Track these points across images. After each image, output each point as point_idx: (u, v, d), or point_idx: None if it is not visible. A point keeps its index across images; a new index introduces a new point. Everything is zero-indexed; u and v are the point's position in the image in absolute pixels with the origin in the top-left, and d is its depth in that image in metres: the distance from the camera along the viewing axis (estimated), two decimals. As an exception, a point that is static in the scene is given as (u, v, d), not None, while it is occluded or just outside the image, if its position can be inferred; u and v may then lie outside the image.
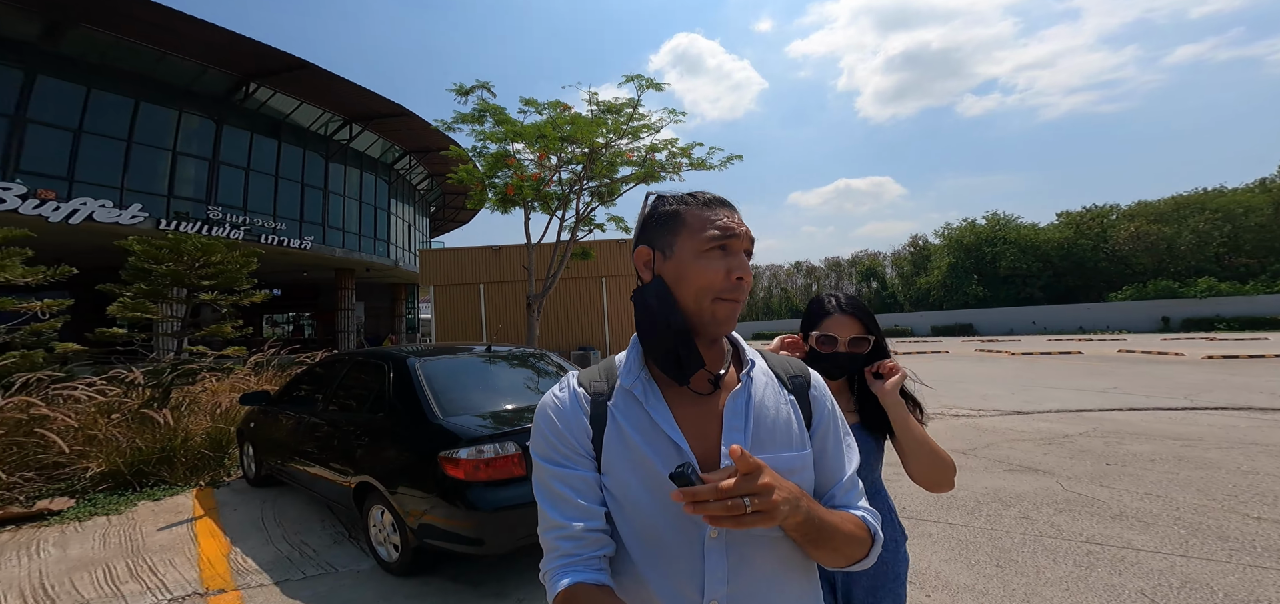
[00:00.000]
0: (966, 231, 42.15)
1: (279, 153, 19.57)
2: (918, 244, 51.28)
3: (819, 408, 0.80)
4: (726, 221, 0.74)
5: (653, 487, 0.70)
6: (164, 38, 14.58)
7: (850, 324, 1.24)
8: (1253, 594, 2.44)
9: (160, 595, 2.78)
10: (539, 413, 0.77)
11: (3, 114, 12.90)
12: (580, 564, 0.67)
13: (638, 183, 11.22)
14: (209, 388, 5.72)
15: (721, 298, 0.72)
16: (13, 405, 4.11)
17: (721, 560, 0.69)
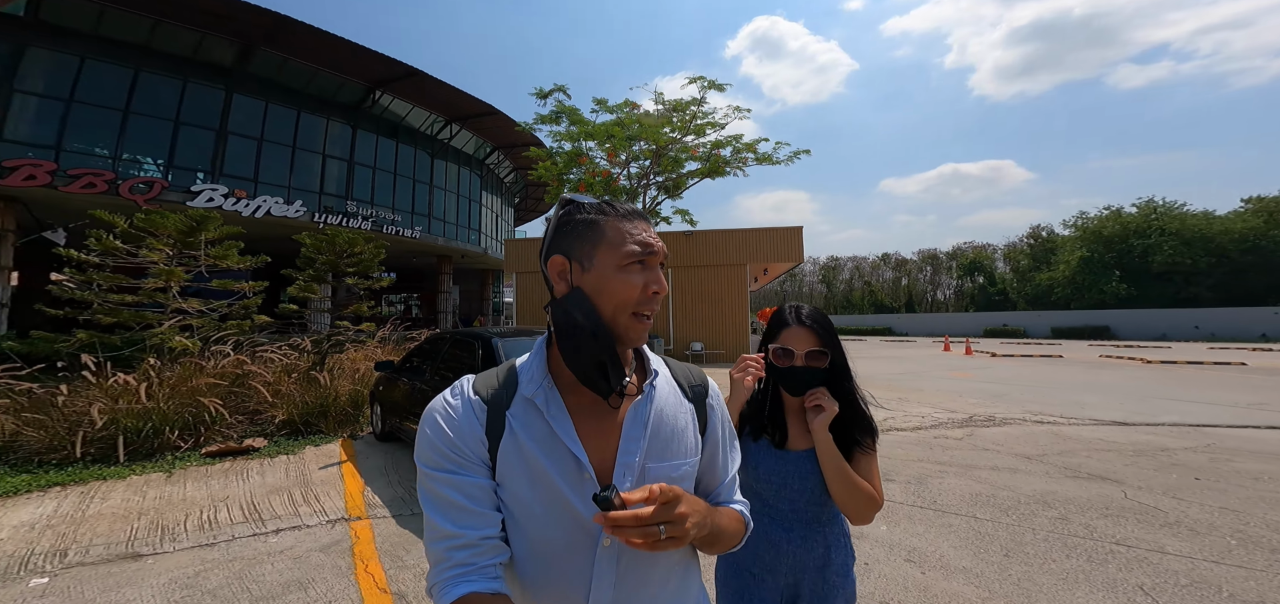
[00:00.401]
0: (1109, 221, 36.08)
1: (396, 152, 22.47)
2: (1039, 236, 44.89)
3: (712, 415, 0.84)
4: (645, 236, 0.73)
5: (547, 497, 0.69)
6: (320, 55, 17.49)
7: (807, 337, 1.22)
8: (1261, 596, 2.32)
9: (320, 517, 3.79)
10: (425, 419, 0.73)
11: (210, 127, 16.35)
12: (475, 574, 0.65)
13: (703, 178, 11.48)
14: (351, 357, 7.15)
15: (638, 313, 0.72)
16: (231, 362, 5.61)
17: (610, 568, 0.70)
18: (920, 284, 57.08)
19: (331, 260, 7.23)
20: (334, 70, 18.57)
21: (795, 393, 1.24)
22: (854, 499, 1.16)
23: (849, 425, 1.23)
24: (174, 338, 5.43)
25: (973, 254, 52.41)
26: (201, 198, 15.07)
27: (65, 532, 3.29)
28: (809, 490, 1.20)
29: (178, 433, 4.96)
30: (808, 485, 1.20)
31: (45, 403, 4.66)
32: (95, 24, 14.52)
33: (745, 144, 11.09)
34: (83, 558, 2.93)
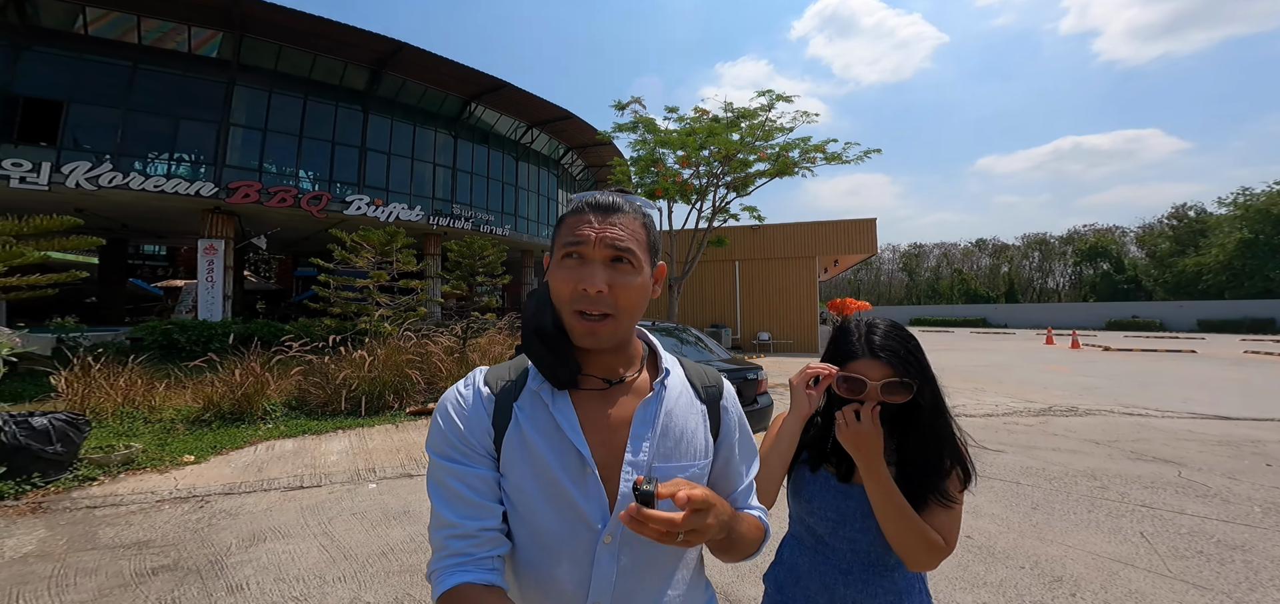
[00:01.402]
0: (1274, 199, 30.46)
1: (487, 157, 25.08)
2: (1184, 215, 38.67)
3: (726, 418, 0.82)
4: (581, 230, 0.71)
5: (549, 489, 0.69)
6: (427, 73, 20.26)
7: (880, 369, 1.03)
8: (1250, 542, 2.83)
9: None
10: (438, 408, 0.75)
11: (354, 144, 19.61)
12: (471, 564, 0.66)
13: (772, 178, 12.03)
14: (486, 340, 8.93)
15: (576, 310, 0.70)
16: (416, 344, 7.51)
17: (612, 564, 0.69)
18: (1025, 272, 51.59)
19: (469, 263, 9.04)
20: (438, 86, 21.25)
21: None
22: (909, 539, 0.98)
23: (929, 470, 1.02)
24: (383, 325, 7.39)
25: (1094, 238, 46.39)
26: (353, 207, 18.27)
27: (364, 458, 5.07)
28: (873, 529, 1.03)
29: (391, 395, 6.85)
30: (872, 524, 1.03)
31: (320, 371, 6.72)
32: (275, 62, 18.06)
33: (814, 145, 11.52)
34: (385, 474, 4.61)
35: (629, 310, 0.71)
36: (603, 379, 0.75)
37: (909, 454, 1.05)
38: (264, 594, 2.67)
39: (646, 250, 0.74)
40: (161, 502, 3.85)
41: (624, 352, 0.77)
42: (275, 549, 3.18)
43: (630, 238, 0.72)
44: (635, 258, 0.71)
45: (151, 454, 4.67)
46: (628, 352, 0.78)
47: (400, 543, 3.26)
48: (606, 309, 0.70)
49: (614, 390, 0.75)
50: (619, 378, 0.76)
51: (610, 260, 0.71)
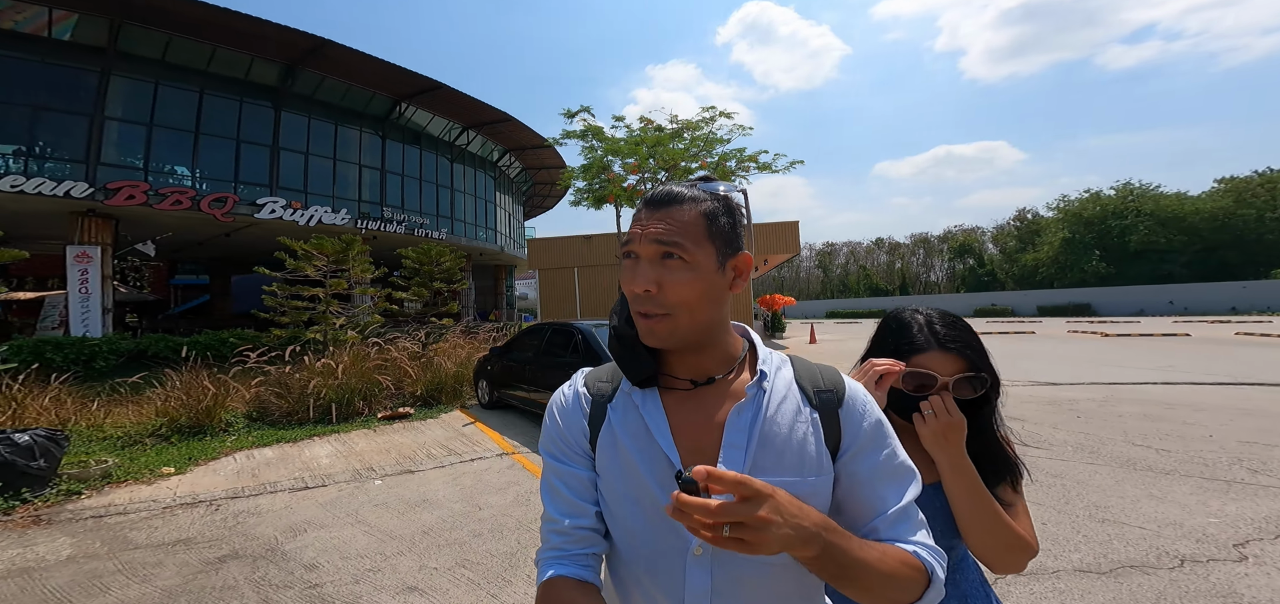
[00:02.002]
0: (1089, 203, 38.18)
1: (420, 159, 24.22)
2: (1025, 218, 47.01)
3: (851, 428, 0.70)
4: (633, 228, 0.71)
5: (638, 493, 0.69)
6: (352, 72, 19.21)
7: (954, 362, 0.94)
8: (1063, 471, 4.29)
9: (492, 451, 5.72)
10: (547, 409, 0.78)
11: (264, 144, 18.09)
12: (566, 559, 0.68)
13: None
14: (446, 345, 9.10)
15: (634, 310, 0.70)
16: (381, 351, 7.57)
17: (704, 578, 0.66)
18: (914, 267, 59.12)
19: (428, 269, 9.17)
20: (365, 85, 20.24)
21: (910, 420, 0.96)
22: (995, 538, 0.88)
23: (997, 469, 0.96)
24: (346, 333, 7.38)
25: (962, 237, 54.43)
26: (266, 210, 16.87)
27: (356, 459, 5.27)
28: (934, 532, 0.87)
29: (360, 401, 6.93)
30: (934, 526, 0.89)
31: (281, 381, 6.62)
32: (163, 52, 16.15)
33: (748, 156, 12.96)
34: (385, 472, 4.91)
35: (685, 306, 0.67)
36: (689, 380, 0.72)
37: (971, 454, 0.94)
38: (338, 569, 3.07)
39: (707, 240, 0.68)
40: (170, 508, 3.92)
41: (711, 350, 0.73)
42: (322, 536, 3.51)
43: (679, 231, 0.67)
44: (686, 251, 0.67)
45: (127, 468, 4.57)
46: (717, 351, 0.73)
47: (434, 524, 3.72)
48: (656, 308, 0.67)
49: (706, 393, 0.72)
50: (708, 379, 0.72)
51: (658, 257, 0.67)
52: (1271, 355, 10.78)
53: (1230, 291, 29.50)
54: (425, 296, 8.89)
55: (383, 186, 21.83)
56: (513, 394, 7.11)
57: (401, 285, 9.26)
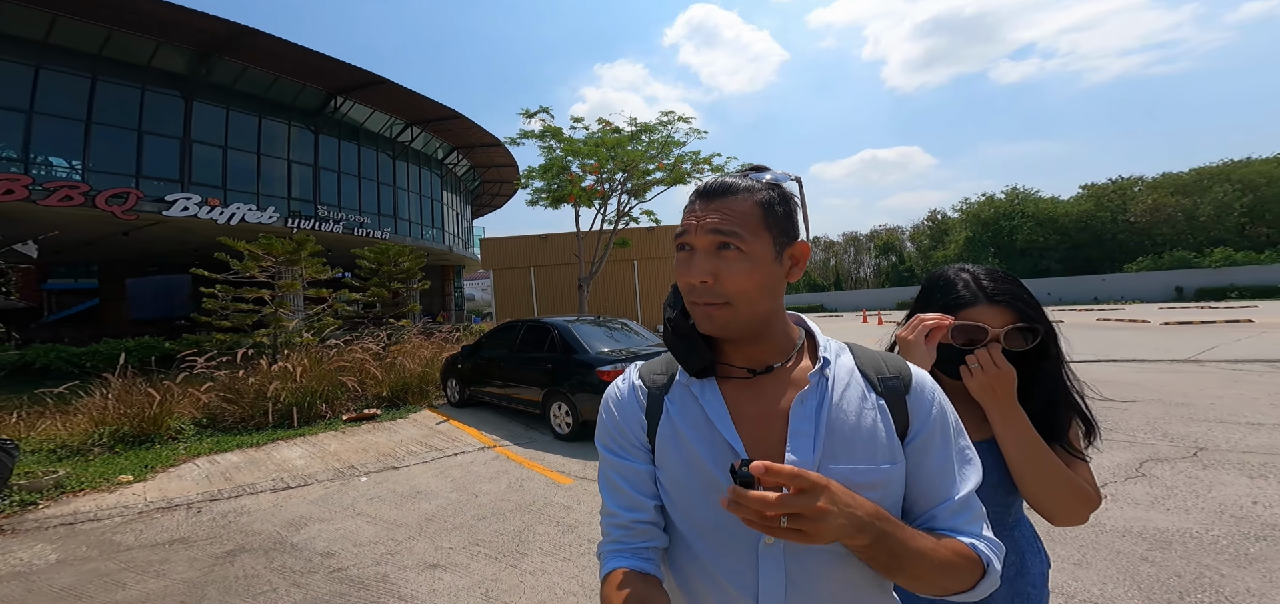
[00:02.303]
0: (985, 206, 43.25)
1: (359, 156, 22.94)
2: (936, 218, 52.42)
3: (920, 414, 0.69)
4: (687, 220, 0.71)
5: (704, 483, 0.68)
6: (281, 62, 17.87)
7: (1003, 314, 0.94)
8: None
9: (473, 446, 5.83)
10: (602, 403, 0.79)
11: (173, 136, 16.41)
12: (628, 552, 0.69)
13: (668, 186, 13.98)
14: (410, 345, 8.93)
15: (690, 301, 0.70)
16: (341, 352, 7.33)
17: (778, 570, 0.65)
18: (846, 264, 63.78)
19: (388, 270, 8.96)
20: (295, 77, 18.91)
21: (961, 378, 0.95)
22: (1052, 488, 0.89)
23: (1056, 424, 0.95)
24: (302, 336, 7.10)
25: (886, 236, 59.50)
26: (177, 207, 15.30)
27: (332, 459, 5.19)
28: (994, 485, 0.93)
29: (322, 404, 6.74)
30: (992, 479, 0.93)
31: (236, 386, 6.27)
32: (45, 33, 14.21)
33: (702, 158, 13.70)
34: (367, 470, 4.91)
35: (744, 296, 0.67)
36: (746, 369, 0.72)
37: (1031, 409, 0.94)
38: (355, 554, 3.19)
39: (763, 229, 0.68)
40: (144, 513, 3.76)
41: (768, 339, 0.73)
42: (326, 528, 3.58)
43: (735, 221, 0.67)
44: (743, 241, 0.66)
45: (79, 478, 4.27)
46: (775, 339, 0.73)
47: (436, 513, 3.88)
48: (714, 299, 0.67)
49: (765, 381, 0.71)
50: (767, 367, 0.72)
51: (716, 248, 0.67)
52: (1122, 337, 13.07)
53: (1092, 284, 34.59)
54: (385, 297, 8.66)
55: (316, 183, 20.42)
56: (486, 391, 7.20)
57: (356, 286, 8.94)
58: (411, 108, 22.62)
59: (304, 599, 2.66)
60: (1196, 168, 35.02)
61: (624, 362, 5.83)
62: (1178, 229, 32.69)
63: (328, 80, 19.55)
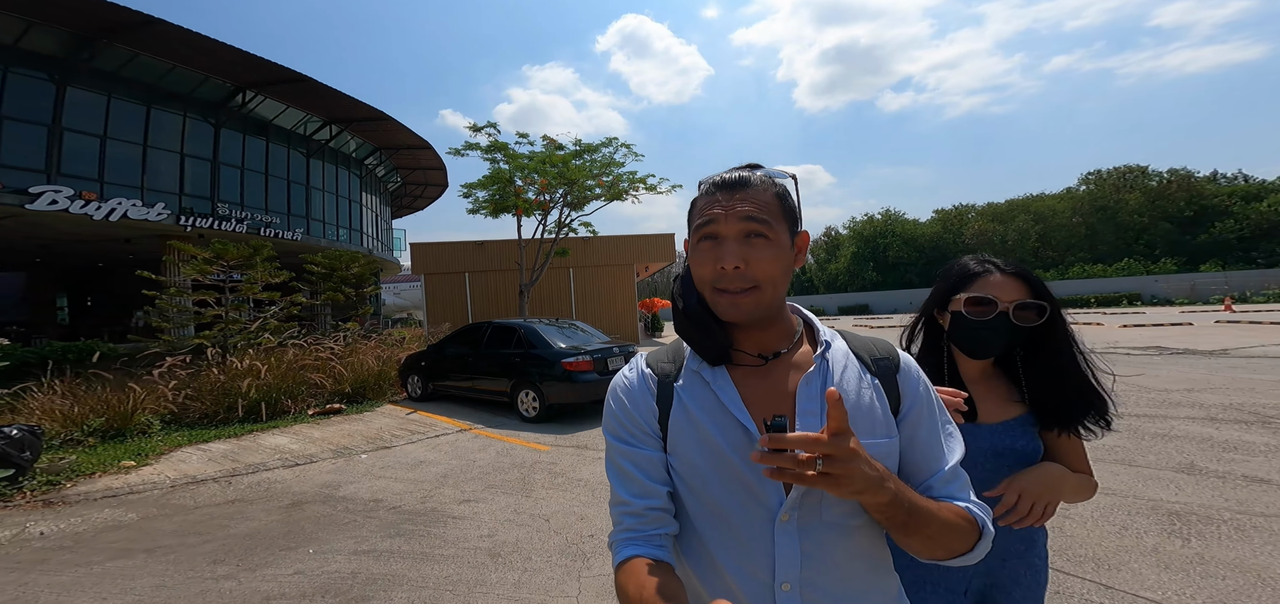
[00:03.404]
0: (866, 225, 50.24)
1: (267, 153, 21.40)
2: (830, 234, 59.45)
3: (909, 391, 0.75)
4: (712, 210, 0.73)
5: (718, 466, 0.70)
6: (188, 56, 16.47)
7: (1015, 286, 1.00)
8: None
9: (452, 430, 6.60)
10: (609, 393, 0.80)
11: (39, 122, 14.47)
12: (641, 540, 0.70)
13: (607, 202, 15.31)
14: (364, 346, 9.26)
15: (717, 289, 0.72)
16: (302, 351, 7.61)
17: (793, 544, 0.68)
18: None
19: (342, 274, 9.25)
20: (200, 68, 17.44)
21: (978, 354, 1.02)
22: (1078, 494, 1.00)
23: (1072, 406, 1.00)
24: (263, 336, 7.35)
25: (788, 250, 66.02)
26: (43, 200, 13.52)
27: (322, 443, 5.74)
28: (1006, 469, 0.98)
29: (288, 400, 7.08)
30: (1005, 463, 0.99)
31: (200, 383, 6.43)
32: None
33: (639, 178, 15.21)
34: (362, 450, 5.58)
35: (771, 281, 0.71)
36: (758, 355, 0.75)
37: (1043, 389, 1.00)
38: (397, 500, 4.09)
39: (782, 219, 0.73)
40: (178, 486, 4.25)
41: (777, 326, 0.77)
42: (360, 487, 4.38)
43: (762, 210, 0.71)
44: (770, 229, 0.71)
45: (89, 463, 4.55)
46: (781, 326, 0.77)
47: (446, 473, 4.79)
48: (745, 284, 0.70)
49: (772, 366, 0.75)
50: (775, 353, 0.75)
51: (745, 235, 0.71)
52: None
53: (945, 294, 41.72)
54: (339, 301, 8.92)
55: (215, 180, 18.68)
56: (452, 384, 7.96)
57: (300, 289, 9.09)
58: (335, 106, 21.57)
59: (380, 525, 3.56)
60: (1009, 199, 43.91)
61: (581, 355, 6.97)
62: (996, 250, 40.76)
63: (239, 74, 18.15)
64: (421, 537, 3.32)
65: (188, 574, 2.85)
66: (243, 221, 18.94)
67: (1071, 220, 39.01)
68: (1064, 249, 38.85)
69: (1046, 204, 40.70)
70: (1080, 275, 34.93)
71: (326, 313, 9.43)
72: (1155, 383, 7.00)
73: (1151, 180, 37.38)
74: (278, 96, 19.99)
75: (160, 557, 3.07)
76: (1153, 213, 35.96)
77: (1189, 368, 8.12)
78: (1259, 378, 6.94)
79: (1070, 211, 39.30)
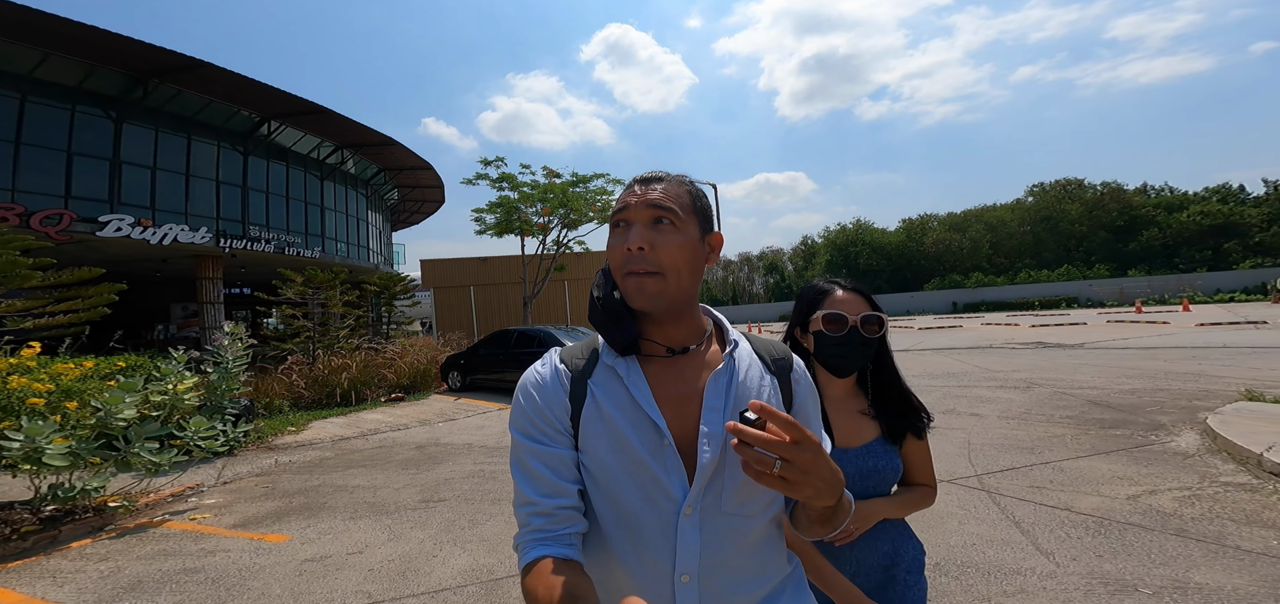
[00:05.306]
0: (840, 234, 53.60)
1: (287, 176, 23.49)
2: (807, 243, 62.87)
3: (799, 391, 0.82)
4: (625, 198, 0.76)
5: (628, 462, 0.72)
6: (226, 92, 18.59)
7: (858, 302, 1.13)
8: None
9: (489, 411, 8.97)
10: (519, 388, 0.78)
11: (102, 156, 16.50)
12: (551, 540, 0.69)
13: (600, 225, 17.83)
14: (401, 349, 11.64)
15: (625, 272, 0.74)
16: (369, 353, 10.01)
17: (695, 535, 0.70)
18: (741, 281, 72.38)
19: (392, 290, 11.63)
20: (232, 102, 19.57)
21: (843, 371, 1.13)
22: (916, 510, 1.16)
23: (904, 413, 1.15)
24: (347, 341, 9.77)
25: (771, 257, 69.09)
26: (111, 228, 15.52)
27: (406, 418, 8.15)
28: (869, 491, 1.09)
29: (367, 389, 9.49)
30: (868, 485, 1.09)
31: (311, 376, 8.80)
32: None
33: (628, 203, 17.86)
34: (436, 422, 7.97)
35: (675, 268, 0.73)
36: (666, 348, 0.77)
37: (885, 397, 1.16)
38: (483, 442, 6.56)
39: (691, 214, 0.76)
40: (338, 441, 6.65)
41: (686, 322, 0.79)
42: (453, 439, 6.82)
43: (670, 199, 0.74)
44: (676, 217, 0.74)
45: (271, 428, 6.96)
46: (691, 323, 0.79)
47: (506, 429, 7.28)
48: (650, 267, 0.72)
49: (683, 363, 0.77)
50: (684, 348, 0.78)
51: (652, 221, 0.73)
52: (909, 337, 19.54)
53: (906, 300, 45.11)
54: (390, 312, 11.29)
55: (245, 204, 20.69)
56: (486, 377, 10.42)
57: (356, 304, 11.47)
58: (347, 133, 23.71)
59: (479, 453, 6.02)
60: (966, 209, 47.51)
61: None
62: (956, 256, 44.31)
63: (263, 107, 20.23)
64: (504, 456, 5.78)
65: (393, 473, 5.29)
66: (270, 242, 20.98)
67: (1020, 229, 42.71)
68: (1013, 255, 42.53)
69: (997, 214, 44.40)
70: (1027, 280, 38.51)
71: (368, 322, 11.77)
72: (996, 365, 9.80)
73: (1088, 192, 41.25)
74: (297, 125, 22.10)
75: (370, 468, 5.49)
76: (1091, 222, 39.81)
77: (1033, 356, 10.99)
78: (1071, 361, 9.77)
79: (1018, 221, 43.01)
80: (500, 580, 2.91)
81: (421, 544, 3.43)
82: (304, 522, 3.90)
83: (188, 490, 4.67)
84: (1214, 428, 4.49)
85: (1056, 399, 6.72)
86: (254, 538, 3.60)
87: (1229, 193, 38.76)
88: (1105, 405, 6.19)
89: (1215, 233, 35.37)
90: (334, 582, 2.95)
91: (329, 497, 4.50)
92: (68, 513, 3.68)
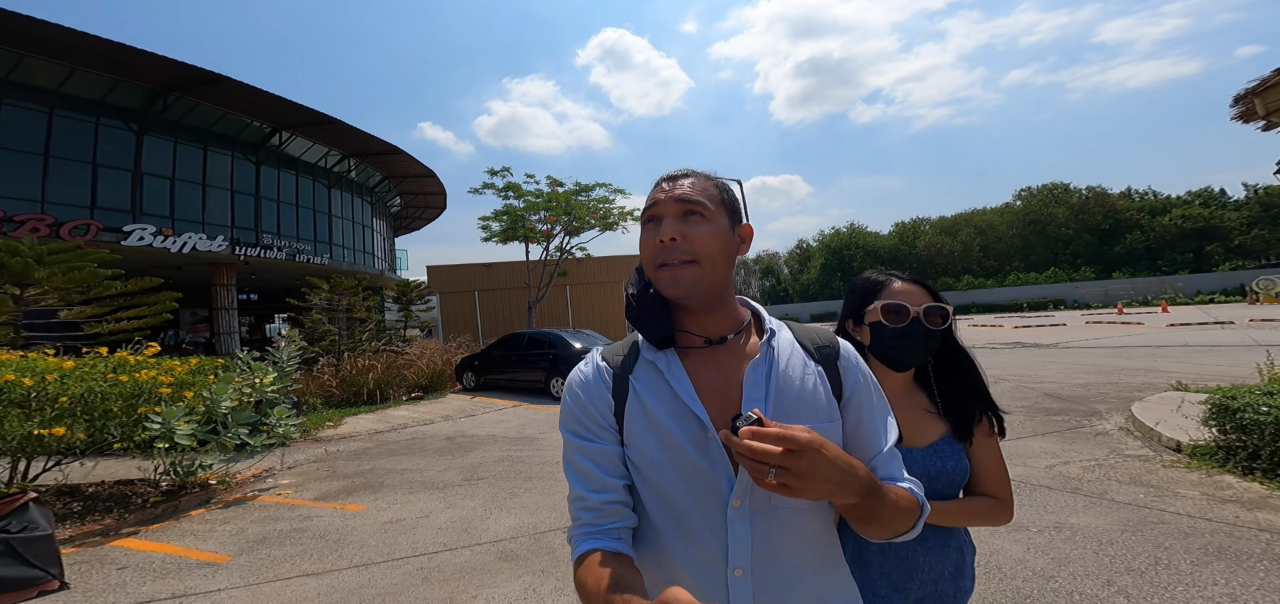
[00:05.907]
0: (834, 237, 54.57)
1: (297, 184, 24.19)
2: (801, 246, 63.83)
3: (850, 377, 0.79)
4: (655, 196, 0.79)
5: (673, 455, 0.73)
6: (243, 104, 19.32)
7: (920, 293, 1.07)
8: None
9: (504, 407, 9.78)
10: (566, 388, 0.81)
11: (123, 168, 17.18)
12: (600, 534, 0.71)
13: (600, 232, 18.66)
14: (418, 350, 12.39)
15: (658, 265, 0.76)
16: (391, 355, 10.75)
17: (745, 529, 0.71)
18: (738, 284, 73.22)
19: (409, 297, 12.39)
20: (247, 114, 20.28)
21: (903, 365, 1.08)
22: (985, 523, 1.07)
23: (971, 414, 1.08)
24: (370, 344, 10.51)
25: (767, 260, 70.03)
26: (134, 237, 16.19)
27: (430, 414, 8.89)
28: (938, 493, 1.03)
29: (390, 388, 10.23)
30: (937, 487, 1.03)
31: (341, 375, 9.54)
32: (9, 71, 14.63)
33: (627, 210, 18.58)
34: (458, 417, 8.73)
35: (708, 256, 0.74)
36: (703, 338, 0.78)
37: (952, 394, 1.08)
38: (505, 433, 7.32)
39: (720, 205, 0.78)
40: (375, 434, 7.40)
41: (722, 312, 0.79)
42: (478, 432, 7.58)
43: (698, 193, 0.76)
44: (705, 209, 0.75)
45: (313, 423, 7.70)
46: (728, 313, 0.80)
47: (523, 422, 7.96)
48: (684, 256, 0.74)
49: (722, 353, 0.78)
50: (721, 338, 0.78)
51: (682, 214, 0.75)
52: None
53: (904, 299, 45.94)
54: (410, 317, 12.05)
55: (258, 212, 21.37)
56: (499, 377, 11.16)
57: (376, 310, 12.22)
58: (355, 142, 24.41)
59: (504, 442, 6.77)
60: (957, 213, 48.59)
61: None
62: (947, 260, 45.32)
63: (275, 117, 20.92)
64: (527, 444, 6.54)
65: (432, 459, 6.03)
66: (282, 250, 21.67)
67: (1008, 232, 43.78)
68: (1003, 258, 43.59)
69: (987, 218, 45.48)
70: (1016, 282, 39.53)
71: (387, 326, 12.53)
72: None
73: (1073, 196, 42.35)
74: (307, 135, 22.80)
75: (410, 455, 6.23)
76: (1077, 226, 40.89)
77: (1008, 354, 11.82)
78: (1041, 359, 10.60)
79: (1007, 225, 44.09)
80: (544, 533, 3.67)
81: (473, 510, 4.19)
82: (371, 496, 4.65)
83: (264, 473, 5.41)
84: (1135, 413, 5.30)
85: (1017, 392, 7.53)
86: (336, 507, 4.35)
87: (1211, 197, 39.94)
88: (1057, 397, 7.01)
89: (1197, 236, 36.48)
90: (413, 536, 3.71)
91: (383, 477, 5.25)
92: (180, 487, 4.42)
